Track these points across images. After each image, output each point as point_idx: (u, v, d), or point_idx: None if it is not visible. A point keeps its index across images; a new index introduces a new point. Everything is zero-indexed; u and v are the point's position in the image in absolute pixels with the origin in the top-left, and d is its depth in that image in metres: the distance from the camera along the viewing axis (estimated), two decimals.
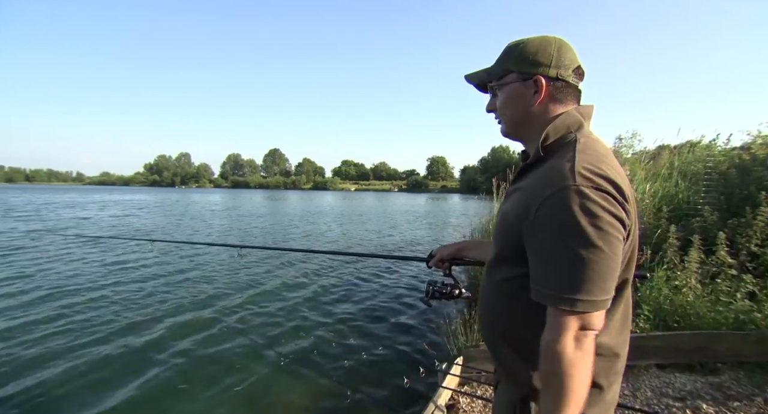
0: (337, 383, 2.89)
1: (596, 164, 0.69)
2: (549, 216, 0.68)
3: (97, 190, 70.86)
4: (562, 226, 0.66)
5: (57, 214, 17.28)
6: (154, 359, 3.33)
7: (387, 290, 5.72)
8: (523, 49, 0.81)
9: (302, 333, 3.99)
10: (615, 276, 0.68)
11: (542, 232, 0.69)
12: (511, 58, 0.83)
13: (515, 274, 0.79)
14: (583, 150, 0.72)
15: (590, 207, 0.64)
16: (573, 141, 0.75)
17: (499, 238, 0.84)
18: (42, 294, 5.02)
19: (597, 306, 0.66)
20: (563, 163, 0.70)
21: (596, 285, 0.65)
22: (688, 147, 5.36)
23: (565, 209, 0.66)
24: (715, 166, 4.09)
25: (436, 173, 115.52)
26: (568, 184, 0.66)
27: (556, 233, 0.67)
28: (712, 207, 3.54)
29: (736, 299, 2.64)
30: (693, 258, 2.91)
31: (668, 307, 2.76)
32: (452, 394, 2.45)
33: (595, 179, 0.66)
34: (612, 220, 0.66)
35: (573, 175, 0.67)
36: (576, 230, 0.64)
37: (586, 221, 0.64)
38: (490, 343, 0.89)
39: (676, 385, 2.36)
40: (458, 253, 1.23)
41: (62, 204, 24.21)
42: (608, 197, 0.66)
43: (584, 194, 0.65)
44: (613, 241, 0.66)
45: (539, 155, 0.78)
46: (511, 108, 0.85)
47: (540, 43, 0.81)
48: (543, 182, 0.71)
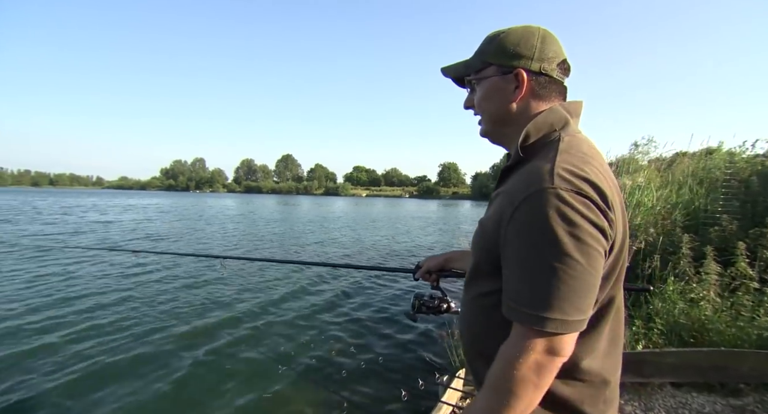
0: (334, 395, 2.80)
1: (578, 165, 0.61)
2: (522, 222, 0.60)
3: (117, 194, 72.57)
4: (536, 233, 0.58)
5: (80, 217, 17.81)
6: (153, 366, 3.30)
7: (386, 300, 5.61)
8: (503, 40, 0.74)
9: (301, 343, 3.92)
10: (593, 294, 0.59)
11: (514, 239, 0.61)
12: (490, 50, 0.75)
13: (493, 288, 0.70)
14: (566, 149, 0.64)
15: (568, 213, 0.57)
16: (556, 140, 0.68)
17: (476, 247, 0.76)
18: (68, 296, 5.11)
19: (568, 327, 0.57)
20: (543, 164, 0.63)
21: (570, 303, 0.56)
22: (704, 153, 5.17)
23: (539, 215, 0.58)
24: (736, 172, 3.91)
25: (447, 179, 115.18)
26: (545, 186, 0.58)
27: (528, 241, 0.59)
28: (731, 216, 3.36)
29: (759, 315, 2.47)
30: (711, 269, 2.75)
31: (684, 322, 2.60)
32: (453, 409, 2.34)
33: (575, 181, 0.59)
34: (592, 230, 0.57)
35: (551, 177, 0.59)
36: (550, 239, 0.57)
37: (563, 229, 0.56)
38: (469, 360, 0.82)
39: (694, 405, 2.20)
40: (446, 264, 1.15)
41: (85, 207, 25.08)
42: (589, 203, 0.58)
43: (562, 198, 0.57)
44: (593, 253, 0.57)
45: (519, 156, 0.71)
46: (489, 104, 0.77)
47: (522, 33, 0.73)
48: (520, 185, 0.64)
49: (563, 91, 0.76)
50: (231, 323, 4.41)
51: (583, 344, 0.66)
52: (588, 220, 0.57)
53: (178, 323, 4.28)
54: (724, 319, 2.54)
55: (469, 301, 0.80)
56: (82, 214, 19.34)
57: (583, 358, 0.66)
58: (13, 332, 3.87)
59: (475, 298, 0.77)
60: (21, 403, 2.72)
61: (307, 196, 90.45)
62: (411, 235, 14.64)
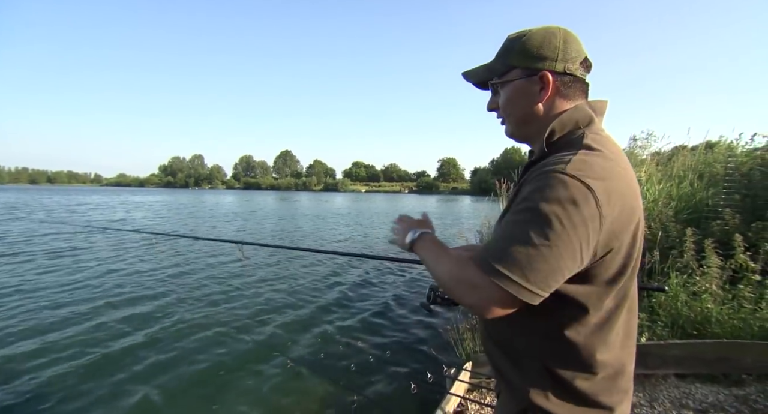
0: (343, 387, 2.84)
1: (596, 161, 0.64)
2: (525, 193, 0.65)
3: (119, 191, 72.15)
4: (531, 205, 0.62)
5: (89, 216, 17.65)
6: (156, 360, 3.34)
7: (394, 293, 5.66)
8: (525, 43, 0.74)
9: (308, 336, 3.96)
10: (556, 276, 0.61)
11: (515, 206, 0.67)
12: (513, 53, 0.76)
13: None
14: (589, 145, 0.67)
15: (562, 199, 0.60)
16: (580, 137, 0.70)
17: None
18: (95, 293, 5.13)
19: (524, 294, 0.61)
20: (564, 155, 0.66)
21: (533, 273, 0.60)
22: (705, 147, 5.18)
23: (541, 191, 0.62)
24: (737, 166, 3.93)
25: (446, 175, 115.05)
26: (557, 169, 0.62)
27: (522, 209, 0.64)
28: (733, 209, 3.39)
29: (762, 307, 2.51)
30: (714, 262, 2.79)
31: (687, 314, 2.64)
32: (460, 400, 2.38)
33: (585, 172, 0.61)
34: (578, 221, 0.59)
35: (565, 164, 0.62)
36: (541, 215, 0.60)
37: (554, 211, 0.59)
38: (489, 352, 0.85)
39: (697, 396, 2.24)
40: None
41: (92, 205, 24.93)
42: (590, 197, 0.60)
43: (565, 183, 0.60)
44: (570, 242, 0.59)
45: (544, 152, 0.73)
46: (515, 107, 0.78)
47: (544, 35, 0.74)
48: (536, 172, 0.67)
49: (586, 88, 0.78)
50: (238, 315, 4.47)
51: (599, 337, 0.69)
52: (580, 210, 0.59)
53: (180, 315, 4.32)
54: (726, 312, 2.58)
55: None
56: (102, 212, 19.28)
57: (599, 350, 0.69)
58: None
59: None
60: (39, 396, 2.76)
61: (307, 192, 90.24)
62: None
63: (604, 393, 0.71)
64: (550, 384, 0.71)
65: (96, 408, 2.68)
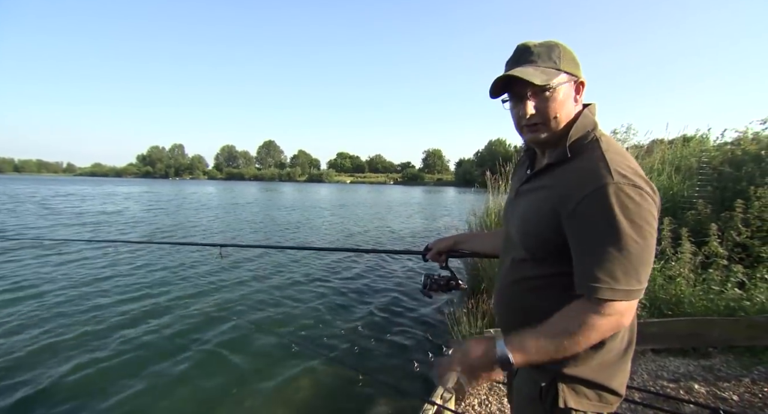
0: (348, 368, 3.00)
1: (626, 163, 0.76)
2: (593, 211, 0.72)
3: (102, 181, 68.24)
4: (603, 222, 0.70)
5: (80, 207, 16.82)
6: (163, 349, 3.42)
7: (390, 282, 5.85)
8: (566, 51, 0.83)
9: (312, 323, 4.10)
10: (650, 267, 0.74)
11: (587, 226, 0.73)
12: (563, 59, 0.82)
13: (540, 273, 0.85)
14: (608, 149, 0.78)
15: (627, 204, 0.70)
16: (595, 140, 0.80)
17: (525, 238, 0.87)
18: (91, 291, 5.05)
19: (633, 295, 0.72)
20: (596, 162, 0.75)
21: (635, 275, 0.71)
22: (681, 141, 5.48)
23: (604, 207, 0.70)
24: (709, 160, 4.22)
25: (431, 166, 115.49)
26: (607, 181, 0.71)
27: (601, 227, 0.71)
28: (705, 201, 3.67)
29: (727, 288, 2.78)
30: (686, 249, 3.05)
31: (663, 296, 2.90)
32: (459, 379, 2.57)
33: (630, 177, 0.72)
34: (647, 216, 0.71)
35: (609, 173, 0.72)
36: (615, 226, 0.69)
37: (625, 217, 0.69)
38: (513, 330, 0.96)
39: (671, 368, 2.51)
40: (455, 245, 1.27)
41: (79, 196, 23.67)
42: (643, 194, 0.71)
43: (623, 191, 0.70)
44: (647, 234, 0.71)
45: (566, 155, 0.81)
46: (563, 109, 0.82)
47: (567, 47, 0.84)
48: (579, 181, 0.75)
49: None
50: (241, 306, 4.56)
51: None
52: (643, 207, 0.71)
53: (184, 308, 4.37)
54: (697, 293, 2.85)
55: (511, 284, 0.93)
56: (79, 204, 18.57)
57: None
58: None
59: (521, 280, 0.90)
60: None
61: (291, 183, 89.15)
62: (409, 221, 14.85)
63: (622, 357, 0.84)
64: (580, 354, 0.78)
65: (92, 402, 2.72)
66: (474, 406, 2.31)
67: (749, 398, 2.14)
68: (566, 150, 0.81)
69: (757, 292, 2.71)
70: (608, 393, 0.83)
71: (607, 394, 0.83)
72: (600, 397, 0.83)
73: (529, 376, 0.92)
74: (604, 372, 0.83)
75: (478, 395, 2.43)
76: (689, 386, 2.29)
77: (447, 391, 2.35)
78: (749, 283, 2.83)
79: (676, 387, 2.30)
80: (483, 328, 3.08)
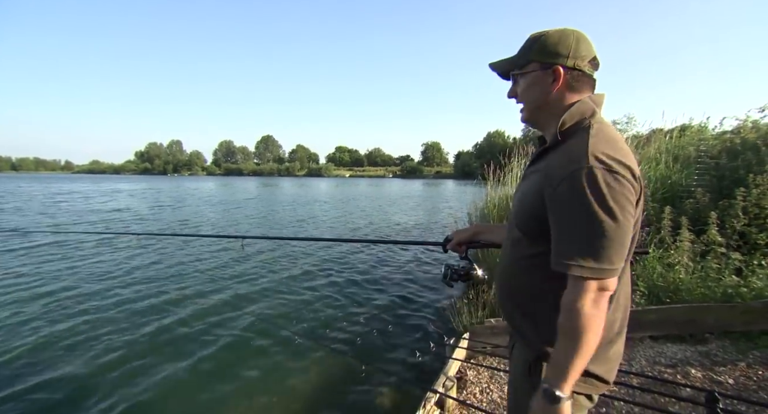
0: (352, 358, 3.05)
1: (607, 148, 0.78)
2: (567, 193, 0.76)
3: (101, 178, 67.91)
4: (576, 202, 0.74)
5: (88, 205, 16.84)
6: (171, 343, 3.48)
7: (396, 273, 5.89)
8: (544, 41, 0.88)
9: (315, 314, 4.16)
10: (624, 249, 0.76)
11: (560, 207, 0.78)
12: (533, 49, 0.89)
13: (533, 252, 0.89)
14: (596, 135, 0.81)
15: (601, 186, 0.73)
16: (587, 126, 0.84)
17: (519, 217, 0.92)
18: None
19: (606, 273, 0.75)
20: (578, 147, 0.79)
21: (605, 254, 0.74)
22: (679, 131, 5.48)
23: (578, 187, 0.74)
24: (708, 149, 4.24)
25: (430, 159, 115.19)
26: (582, 165, 0.75)
27: (570, 208, 0.76)
28: (704, 189, 3.69)
29: (725, 275, 2.82)
30: (685, 237, 3.08)
31: (662, 284, 2.94)
32: (460, 366, 2.62)
33: (606, 161, 0.75)
34: (620, 198, 0.74)
35: (586, 158, 0.76)
36: (588, 206, 0.73)
37: (596, 198, 0.73)
38: (508, 311, 1.00)
39: (668, 354, 2.55)
40: (474, 236, 1.31)
41: (85, 193, 23.86)
42: (618, 178, 0.74)
43: (596, 174, 0.74)
44: (620, 217, 0.74)
45: (557, 139, 0.86)
46: (531, 94, 0.92)
47: (560, 35, 0.87)
48: (560, 163, 0.80)
49: (593, 83, 0.91)
50: (246, 298, 4.63)
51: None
52: (615, 190, 0.74)
53: (191, 301, 4.42)
54: (695, 281, 2.89)
55: (508, 264, 0.98)
56: (84, 201, 18.60)
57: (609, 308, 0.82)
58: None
59: (517, 260, 0.95)
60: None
61: (290, 178, 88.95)
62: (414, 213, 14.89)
63: (608, 345, 0.87)
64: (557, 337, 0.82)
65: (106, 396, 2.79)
66: (475, 394, 2.36)
67: (744, 381, 2.19)
68: (557, 134, 0.86)
69: (755, 278, 2.75)
70: (592, 378, 0.87)
71: (591, 378, 0.87)
72: (584, 380, 0.86)
73: (519, 354, 0.98)
74: None
75: (480, 383, 2.48)
76: (686, 371, 2.33)
77: (449, 379, 2.41)
78: (746, 270, 2.86)
79: (673, 372, 2.34)
80: (483, 319, 3.12)
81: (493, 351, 2.70)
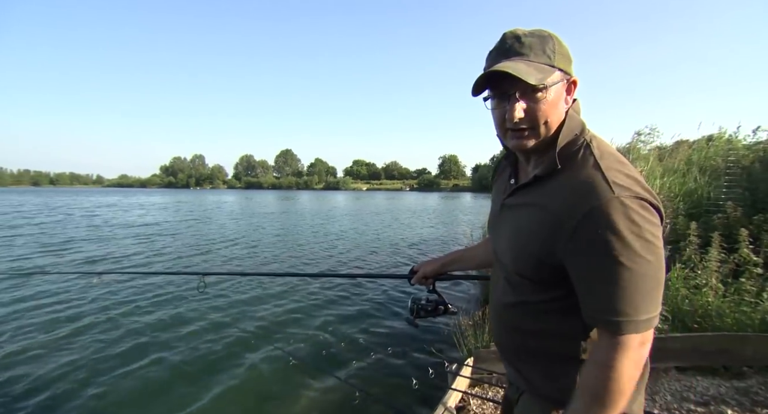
0: (345, 384, 2.86)
1: (624, 170, 0.65)
2: (593, 234, 0.62)
3: (131, 192, 70.66)
4: (610, 243, 0.60)
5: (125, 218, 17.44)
6: (162, 362, 3.38)
7: (394, 291, 5.67)
8: (560, 45, 0.70)
9: (310, 335, 3.99)
10: (663, 286, 0.64)
11: (588, 252, 0.63)
12: (555, 54, 0.69)
13: (543, 297, 0.74)
14: (601, 156, 0.67)
15: (635, 219, 0.60)
16: (585, 145, 0.69)
17: (518, 264, 0.76)
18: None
19: (653, 322, 0.63)
20: (590, 174, 0.65)
21: (652, 301, 0.62)
22: (706, 141, 5.17)
23: (610, 225, 0.60)
24: (738, 160, 3.93)
25: (447, 172, 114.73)
26: (608, 196, 0.61)
27: (604, 253, 0.61)
28: (735, 203, 3.38)
29: (763, 299, 2.51)
30: (713, 256, 2.79)
31: (687, 308, 2.65)
32: (462, 395, 2.40)
33: (631, 187, 0.62)
34: (654, 230, 0.61)
35: (609, 186, 0.62)
36: (625, 246, 0.59)
37: (633, 235, 0.59)
38: (516, 358, 0.85)
39: (698, 389, 2.25)
40: (442, 268, 1.18)
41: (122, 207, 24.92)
42: (647, 205, 0.62)
43: (627, 206, 0.60)
44: (658, 250, 0.62)
45: (555, 166, 0.69)
46: (555, 111, 0.70)
47: (558, 38, 0.71)
48: (574, 197, 0.65)
49: None
50: (240, 323, 4.47)
51: None
52: (650, 221, 0.61)
53: (186, 320, 4.35)
54: (727, 305, 2.59)
55: (509, 308, 0.82)
56: (123, 214, 19.31)
57: None
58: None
59: (518, 305, 0.79)
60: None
61: (308, 191, 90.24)
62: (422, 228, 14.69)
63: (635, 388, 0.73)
64: None
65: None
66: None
67: None
68: (555, 160, 0.70)
69: None
70: None
71: None
72: None
73: (531, 401, 0.84)
74: None
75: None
76: (721, 411, 2.03)
77: (447, 410, 2.20)
78: None
79: (705, 411, 2.05)
80: (489, 342, 2.89)
81: (498, 380, 2.47)
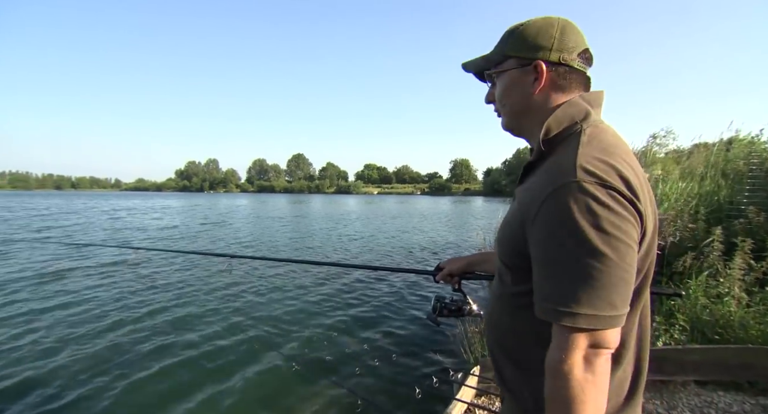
0: (347, 392, 2.79)
1: (600, 156, 0.59)
2: (547, 219, 0.59)
3: (149, 196, 72.50)
4: (561, 229, 0.57)
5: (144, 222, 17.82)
6: (164, 366, 3.34)
7: (399, 297, 5.57)
8: (522, 32, 0.73)
9: (312, 341, 3.93)
10: (628, 289, 0.57)
11: (541, 237, 0.60)
12: (509, 43, 0.74)
13: (521, 289, 0.70)
14: (588, 141, 0.63)
15: (592, 206, 0.55)
16: (577, 132, 0.66)
17: (502, 247, 0.75)
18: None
19: (604, 322, 0.55)
20: (565, 158, 0.62)
21: (601, 298, 0.55)
22: (725, 143, 4.97)
23: (563, 210, 0.56)
24: (761, 162, 3.75)
25: (459, 176, 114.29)
26: (568, 180, 0.57)
27: (554, 238, 0.58)
28: (757, 207, 3.22)
29: None
30: (736, 264, 2.64)
31: (707, 318, 2.51)
32: (467, 407, 2.31)
33: (598, 173, 0.57)
34: (619, 222, 0.55)
35: (574, 170, 0.58)
36: (576, 234, 0.55)
37: (588, 223, 0.55)
38: (494, 358, 0.81)
39: (720, 405, 2.12)
40: (469, 267, 1.13)
41: (141, 210, 25.54)
42: (615, 194, 0.56)
43: (586, 190, 0.56)
44: (621, 246, 0.55)
45: (541, 151, 0.70)
46: (510, 98, 0.76)
47: (541, 25, 0.72)
48: (543, 180, 0.63)
49: (586, 80, 0.74)
50: (246, 323, 4.46)
51: None
52: (614, 211, 0.55)
53: (185, 324, 4.36)
54: (752, 316, 2.44)
55: (494, 301, 0.80)
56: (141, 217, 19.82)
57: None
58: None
59: (501, 297, 0.77)
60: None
61: (320, 195, 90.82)
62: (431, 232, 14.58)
63: (621, 410, 0.68)
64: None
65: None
66: None
67: None
68: (540, 145, 0.69)
69: None
70: None
71: None
72: None
73: (509, 407, 0.80)
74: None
75: None
76: None
77: None
78: None
79: None
80: None
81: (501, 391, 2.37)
